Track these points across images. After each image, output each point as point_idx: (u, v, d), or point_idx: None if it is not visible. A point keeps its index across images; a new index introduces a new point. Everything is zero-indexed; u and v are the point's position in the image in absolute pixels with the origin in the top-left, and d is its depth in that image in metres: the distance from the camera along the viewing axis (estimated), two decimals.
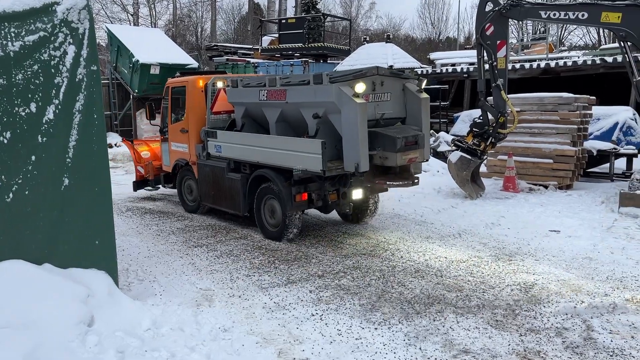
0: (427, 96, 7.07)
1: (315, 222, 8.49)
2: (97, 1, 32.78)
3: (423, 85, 7.13)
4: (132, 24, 33.59)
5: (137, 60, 18.47)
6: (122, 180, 13.65)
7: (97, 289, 4.64)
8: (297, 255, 6.78)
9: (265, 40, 24.34)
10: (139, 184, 10.51)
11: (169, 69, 19.16)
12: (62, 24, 4.64)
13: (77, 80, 4.68)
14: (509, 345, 4.29)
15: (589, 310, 4.81)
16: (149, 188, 10.57)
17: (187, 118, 9.00)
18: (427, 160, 7.15)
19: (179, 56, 20.32)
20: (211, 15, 37.74)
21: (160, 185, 10.36)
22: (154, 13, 35.96)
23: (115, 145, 19.24)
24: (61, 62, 4.63)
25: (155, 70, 18.84)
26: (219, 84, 8.33)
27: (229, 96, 8.11)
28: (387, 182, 6.92)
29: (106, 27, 21.43)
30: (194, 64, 20.18)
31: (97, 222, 4.87)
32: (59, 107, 4.62)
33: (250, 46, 26.07)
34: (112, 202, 5.06)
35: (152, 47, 19.45)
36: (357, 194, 7.24)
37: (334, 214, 8.55)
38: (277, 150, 7.13)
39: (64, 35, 4.64)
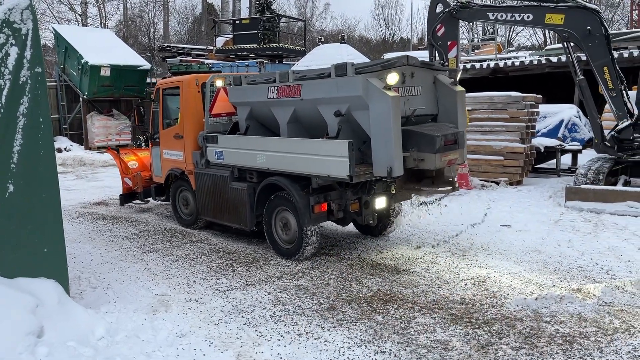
0: (463, 89, 6.34)
1: None
2: (43, 1, 31.69)
3: (458, 77, 6.39)
4: (80, 24, 32.62)
5: (87, 62, 17.97)
6: (72, 185, 13.25)
7: (47, 299, 4.47)
8: (256, 257, 6.75)
9: (220, 41, 24.10)
10: (126, 198, 9.49)
11: (120, 71, 18.75)
12: (4, 25, 4.46)
13: (20, 82, 4.51)
14: (464, 337, 4.40)
15: (538, 301, 4.99)
16: (138, 202, 9.61)
17: (181, 122, 8.08)
18: (464, 162, 6.44)
19: (131, 57, 19.90)
20: (164, 16, 37.11)
21: (150, 198, 9.41)
22: (103, 13, 35.09)
23: (65, 149, 18.65)
24: (3, 64, 4.44)
25: (105, 72, 18.38)
26: (219, 83, 7.50)
27: (231, 96, 7.30)
28: (424, 189, 6.17)
29: (52, 28, 20.76)
30: (146, 65, 19.80)
31: (45, 229, 4.70)
32: (1, 110, 4.43)
33: (205, 47, 25.77)
34: (62, 208, 4.90)
35: (102, 48, 18.97)
36: (380, 202, 6.51)
37: None
38: (293, 154, 6.29)
39: (6, 37, 4.46)
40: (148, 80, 20.28)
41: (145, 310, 5.05)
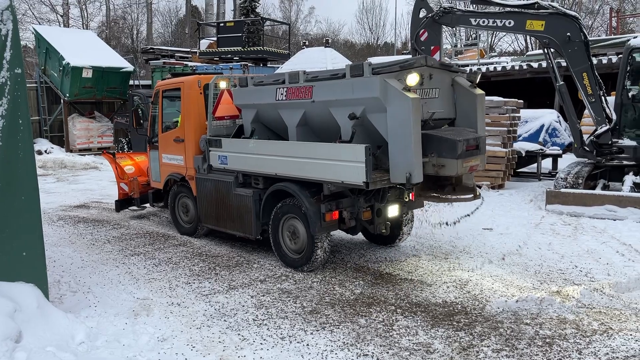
0: (483, 92, 6.05)
1: None
2: (24, 1, 31.28)
3: (477, 80, 6.09)
4: (62, 25, 32.23)
5: (68, 63, 17.77)
6: (53, 188, 13.07)
7: (25, 303, 4.41)
8: (239, 260, 6.72)
9: (204, 44, 23.98)
10: (122, 204, 9.17)
11: (102, 73, 18.59)
12: None
13: None
14: (446, 340, 4.43)
15: (519, 303, 5.04)
16: (134, 208, 9.32)
17: (182, 125, 7.72)
18: (484, 168, 6.13)
19: (113, 59, 19.73)
20: (147, 18, 36.84)
21: (147, 205, 9.10)
22: (85, 14, 34.70)
23: (45, 152, 18.40)
24: None
25: (87, 74, 18.20)
26: (223, 84, 7.18)
27: (236, 98, 6.97)
28: (446, 197, 5.84)
29: (33, 29, 20.50)
30: (129, 67, 19.64)
31: (24, 233, 4.63)
32: None
33: (188, 49, 25.62)
34: (42, 211, 4.84)
35: (84, 49, 18.79)
36: (393, 210, 6.32)
37: None
38: (303, 159, 5.99)
39: None
40: (131, 82, 20.11)
41: (127, 315, 5.00)
